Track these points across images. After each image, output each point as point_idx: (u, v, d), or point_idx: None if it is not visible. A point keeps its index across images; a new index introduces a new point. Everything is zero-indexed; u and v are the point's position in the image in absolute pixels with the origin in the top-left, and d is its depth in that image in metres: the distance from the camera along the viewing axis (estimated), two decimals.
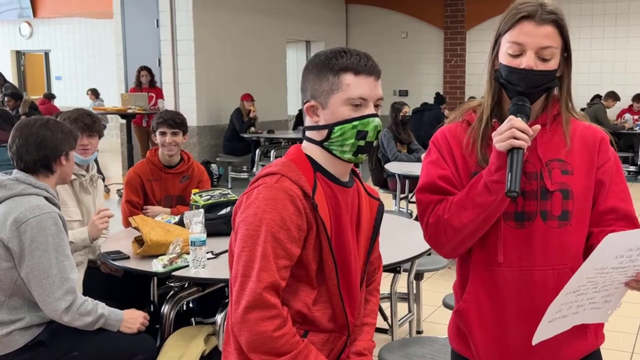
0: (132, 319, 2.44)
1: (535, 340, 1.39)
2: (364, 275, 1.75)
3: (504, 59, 1.52)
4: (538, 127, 1.49)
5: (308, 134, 1.64)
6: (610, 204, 1.54)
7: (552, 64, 1.50)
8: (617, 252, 1.31)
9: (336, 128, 1.57)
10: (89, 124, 3.04)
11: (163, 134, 3.48)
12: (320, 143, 1.61)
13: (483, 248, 1.56)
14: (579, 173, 1.54)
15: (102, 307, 2.37)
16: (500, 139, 1.45)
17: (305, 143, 1.65)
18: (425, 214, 1.57)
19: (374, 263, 1.83)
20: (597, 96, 10.23)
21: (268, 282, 1.50)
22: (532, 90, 1.50)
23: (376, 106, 1.60)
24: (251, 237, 1.52)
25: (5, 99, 9.68)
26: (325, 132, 1.59)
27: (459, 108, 1.66)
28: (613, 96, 10.02)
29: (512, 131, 1.44)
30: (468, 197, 1.50)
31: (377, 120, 1.58)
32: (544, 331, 1.38)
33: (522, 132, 1.44)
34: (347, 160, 1.61)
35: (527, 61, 1.48)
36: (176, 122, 3.50)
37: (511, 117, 1.47)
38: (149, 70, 8.83)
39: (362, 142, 1.58)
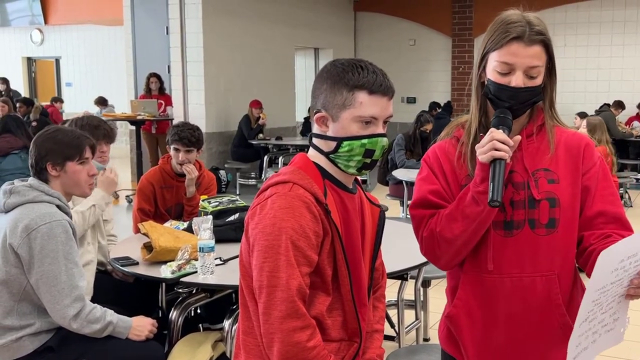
0: (141, 327, 2.45)
1: None
2: (370, 282, 1.77)
3: (492, 75, 1.57)
4: (518, 138, 1.55)
5: (315, 141, 1.65)
6: (598, 207, 1.58)
7: (539, 81, 1.57)
8: (612, 267, 1.32)
9: (344, 143, 1.58)
10: (108, 131, 3.12)
11: (177, 150, 3.48)
12: (326, 154, 1.62)
13: (473, 256, 1.60)
14: (565, 181, 1.58)
15: (110, 315, 2.39)
16: (482, 151, 1.51)
17: (312, 151, 1.67)
18: (420, 229, 1.63)
19: (378, 269, 1.85)
20: (607, 104, 10.22)
21: (297, 289, 1.50)
22: (519, 106, 1.56)
23: (384, 122, 1.62)
24: (272, 247, 1.50)
25: (17, 104, 9.78)
26: (333, 144, 1.60)
27: (449, 125, 1.72)
28: (619, 105, 10.07)
29: (493, 143, 1.50)
30: (457, 209, 1.55)
31: (385, 140, 1.61)
32: None
33: (503, 143, 1.49)
34: (350, 174, 1.64)
35: (516, 81, 1.54)
36: (191, 141, 3.46)
37: (492, 129, 1.53)
38: (158, 77, 8.88)
39: (368, 160, 1.60)
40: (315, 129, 1.64)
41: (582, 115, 8.63)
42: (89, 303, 2.36)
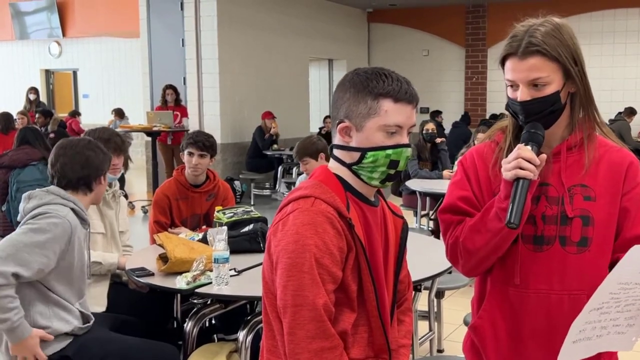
0: (31, 346, 2.28)
1: None
2: (395, 295, 1.72)
3: (507, 89, 1.56)
4: (544, 157, 1.49)
5: (337, 153, 1.59)
6: (637, 231, 1.52)
7: (549, 90, 1.50)
8: None
9: (369, 154, 1.53)
10: (119, 144, 3.15)
11: (190, 154, 3.51)
12: (349, 166, 1.57)
13: (501, 268, 1.58)
14: (602, 200, 1.52)
15: (16, 314, 2.23)
16: (507, 168, 1.47)
17: (332, 162, 1.61)
18: (446, 234, 1.61)
19: (403, 281, 1.79)
20: (620, 113, 10.21)
21: (323, 308, 1.46)
22: (534, 117, 1.51)
23: (408, 132, 1.58)
24: (295, 265, 1.45)
25: (36, 115, 9.91)
26: (356, 155, 1.54)
27: (492, 128, 1.69)
28: (631, 112, 10.11)
29: (519, 161, 1.45)
30: (481, 221, 1.53)
31: (409, 151, 1.57)
32: (568, 352, 1.33)
33: (529, 161, 1.45)
34: (373, 186, 1.59)
35: (521, 95, 1.50)
36: (205, 145, 3.52)
37: (519, 146, 1.48)
38: (174, 88, 8.96)
39: (392, 171, 1.55)
40: (338, 139, 1.58)
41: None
42: (12, 291, 2.21)
